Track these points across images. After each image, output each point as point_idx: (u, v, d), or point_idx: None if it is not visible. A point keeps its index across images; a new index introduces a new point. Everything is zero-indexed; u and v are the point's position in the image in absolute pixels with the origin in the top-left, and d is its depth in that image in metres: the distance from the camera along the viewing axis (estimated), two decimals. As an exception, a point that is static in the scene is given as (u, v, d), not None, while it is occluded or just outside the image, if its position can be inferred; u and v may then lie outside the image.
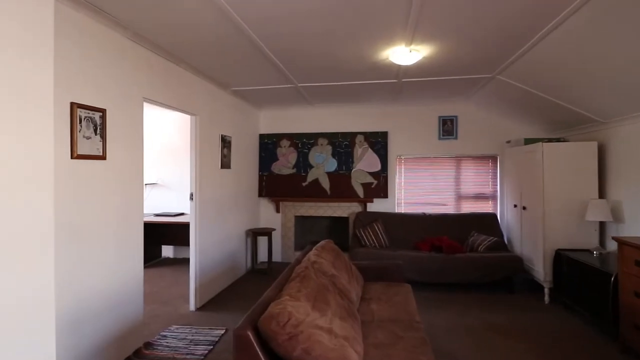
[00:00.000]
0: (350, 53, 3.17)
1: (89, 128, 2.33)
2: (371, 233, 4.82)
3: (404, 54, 3.06)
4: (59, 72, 2.12)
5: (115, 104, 2.59)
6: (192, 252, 3.77)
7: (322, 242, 2.98)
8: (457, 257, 4.26)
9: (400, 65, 3.46)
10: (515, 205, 4.58)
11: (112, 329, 2.61)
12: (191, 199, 3.73)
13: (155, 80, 3.08)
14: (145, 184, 5.74)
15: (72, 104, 2.21)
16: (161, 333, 3.14)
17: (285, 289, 1.91)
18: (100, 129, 2.43)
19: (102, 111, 2.44)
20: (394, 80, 4.05)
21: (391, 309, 2.54)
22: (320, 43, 2.94)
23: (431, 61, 3.36)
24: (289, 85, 4.28)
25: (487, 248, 4.44)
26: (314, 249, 2.81)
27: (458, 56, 3.26)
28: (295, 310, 1.60)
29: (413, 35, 2.77)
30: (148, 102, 3.02)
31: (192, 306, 3.73)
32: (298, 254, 5.58)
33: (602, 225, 3.82)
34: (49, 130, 1.76)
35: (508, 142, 4.93)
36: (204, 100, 3.91)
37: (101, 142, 2.43)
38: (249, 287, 4.48)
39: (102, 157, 2.45)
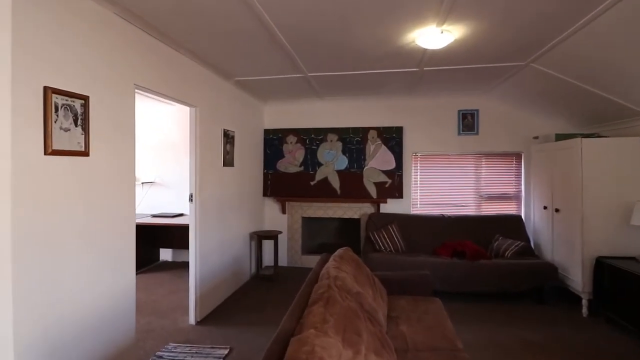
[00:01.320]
0: (372, 35, 2.77)
1: (68, 118, 1.94)
2: (386, 236, 4.43)
3: (435, 35, 2.66)
4: (28, 50, 1.73)
5: (100, 91, 2.20)
6: (192, 259, 3.39)
7: (340, 251, 2.60)
8: (482, 264, 3.88)
9: (425, 51, 3.07)
10: (545, 207, 4.20)
11: (98, 353, 2.24)
12: (190, 200, 3.35)
13: (150, 65, 2.69)
14: (142, 183, 5.36)
15: (45, 88, 1.82)
16: (157, 353, 2.77)
17: (308, 317, 1.53)
18: (82, 120, 2.04)
19: (84, 98, 2.06)
20: (415, 69, 3.65)
21: (425, 332, 2.17)
22: (338, 22, 2.55)
23: (461, 45, 2.97)
24: (298, 75, 3.89)
25: (514, 254, 4.06)
26: (332, 259, 2.43)
27: (492, 40, 2.87)
28: (327, 354, 1.23)
29: (449, 12, 2.37)
30: (141, 90, 2.63)
31: (192, 319, 3.35)
32: (305, 258, 5.23)
33: (647, 230, 3.44)
34: (3, 120, 1.38)
35: (535, 137, 4.54)
36: (204, 90, 3.52)
37: (83, 135, 2.05)
38: (254, 296, 4.10)
39: (85, 153, 2.06)
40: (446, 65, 3.52)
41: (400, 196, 4.91)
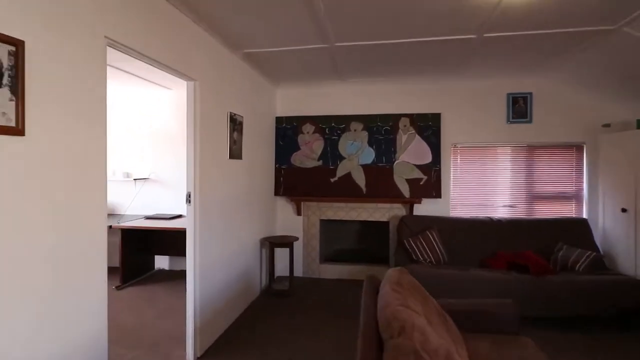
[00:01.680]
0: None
1: (-18, 71, 1.20)
2: (425, 244, 3.68)
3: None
4: None
5: (49, 37, 1.46)
6: (190, 275, 2.66)
7: (396, 275, 1.85)
8: (550, 280, 3.12)
9: (500, 2, 2.30)
10: (624, 210, 3.42)
11: None
12: (188, 201, 2.61)
13: (132, 16, 1.94)
14: (135, 179, 4.64)
15: (-64, 16, 1.08)
16: (140, 412, 2.04)
17: None
18: (12, 79, 1.30)
19: (16, 44, 1.31)
20: (473, 36, 2.89)
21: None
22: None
23: (550, -5, 2.21)
24: (320, 46, 3.13)
25: (587, 267, 3.30)
26: (388, 287, 1.68)
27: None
28: None
29: None
30: (116, 47, 1.88)
31: (189, 354, 2.62)
32: (324, 267, 4.44)
33: None
34: None
35: (606, 125, 3.76)
36: (206, 61, 2.78)
37: (13, 102, 1.30)
38: (267, 318, 3.36)
39: (16, 131, 1.32)
40: (514, 30, 2.75)
41: (438, 195, 4.15)
